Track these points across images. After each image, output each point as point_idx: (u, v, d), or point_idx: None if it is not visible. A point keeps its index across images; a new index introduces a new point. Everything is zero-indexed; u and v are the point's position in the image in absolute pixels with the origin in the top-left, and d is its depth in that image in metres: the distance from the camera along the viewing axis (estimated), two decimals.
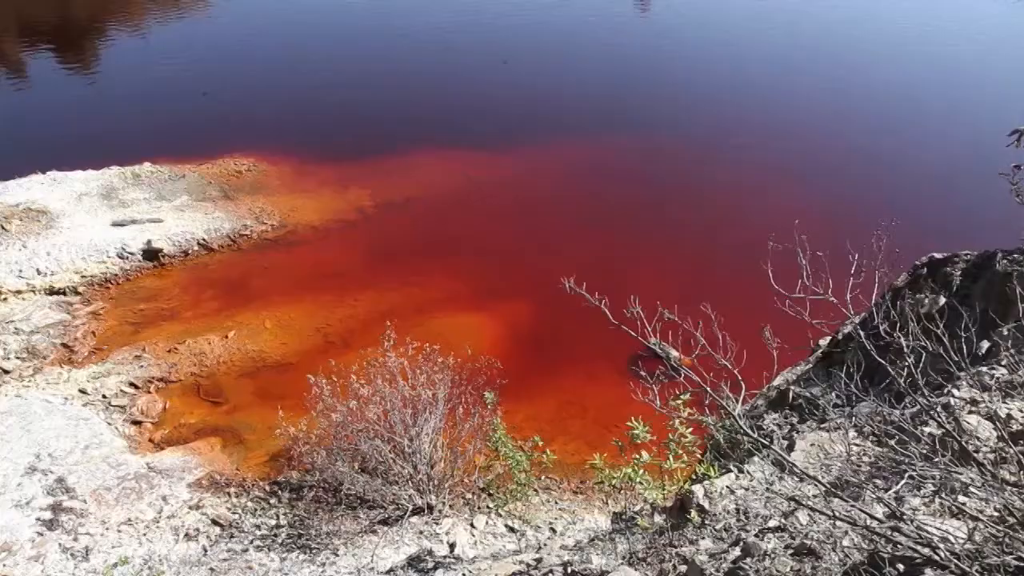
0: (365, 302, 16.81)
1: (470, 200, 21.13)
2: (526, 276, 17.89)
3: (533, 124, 25.89)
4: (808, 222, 18.66)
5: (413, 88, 28.82)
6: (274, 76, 30.29)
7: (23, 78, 32.07)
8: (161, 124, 25.75)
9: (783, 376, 9.56)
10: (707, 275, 17.79)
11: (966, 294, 8.43)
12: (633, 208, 21.03)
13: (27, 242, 18.55)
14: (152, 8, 41.44)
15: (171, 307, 16.87)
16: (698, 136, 25.46)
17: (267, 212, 20.08)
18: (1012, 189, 4.03)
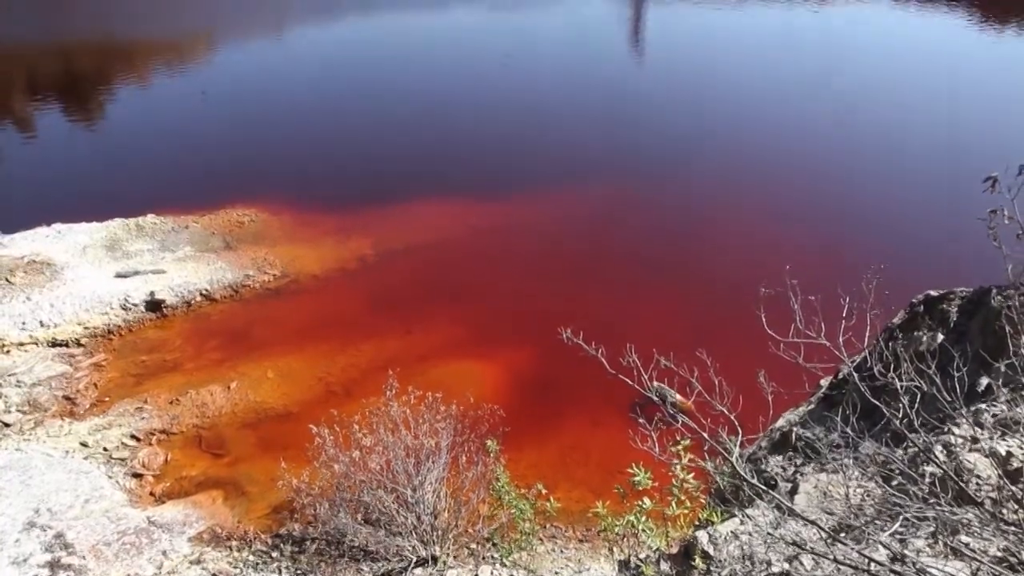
0: (367, 350, 16.86)
1: (470, 248, 21.33)
2: (527, 322, 17.97)
3: (531, 171, 26.29)
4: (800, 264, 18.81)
5: (413, 137, 29.32)
6: (276, 127, 30.82)
7: (30, 132, 32.66)
8: (164, 175, 26.17)
9: (785, 417, 9.57)
10: (703, 318, 17.90)
11: (963, 331, 8.51)
12: (629, 253, 21.26)
13: (31, 294, 18.69)
14: (157, 62, 42.41)
15: (173, 358, 16.91)
16: (692, 180, 25.84)
17: (269, 262, 20.26)
18: (990, 233, 4.15)
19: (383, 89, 35.69)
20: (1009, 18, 50.14)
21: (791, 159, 27.39)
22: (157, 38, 47.75)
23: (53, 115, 34.44)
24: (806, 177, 25.87)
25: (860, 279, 5.70)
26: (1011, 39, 45.47)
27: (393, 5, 54.99)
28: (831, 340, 4.90)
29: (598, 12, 54.56)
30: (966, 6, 53.89)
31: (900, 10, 54.24)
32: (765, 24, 49.85)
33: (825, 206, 23.80)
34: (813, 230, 22.29)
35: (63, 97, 36.90)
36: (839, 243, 21.24)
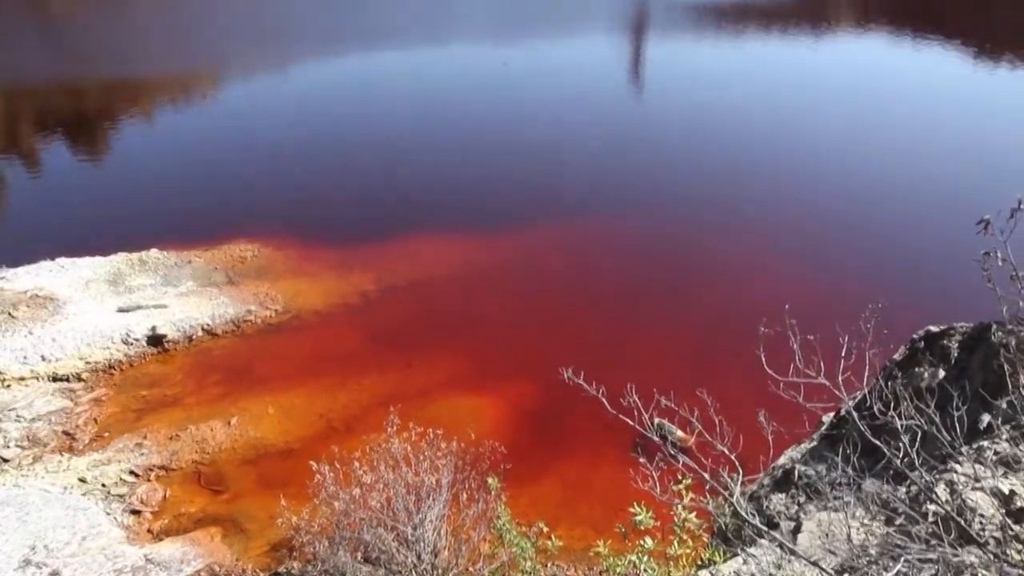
0: (368, 386, 16.85)
1: (471, 282, 21.43)
2: (527, 357, 17.98)
3: (531, 207, 26.49)
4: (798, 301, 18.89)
5: (414, 173, 29.61)
6: (279, 164, 31.11)
7: (37, 167, 33.02)
8: (168, 210, 26.39)
9: (787, 454, 9.53)
10: (703, 353, 17.93)
11: (964, 366, 8.52)
12: (628, 287, 21.35)
13: (33, 328, 18.74)
14: (162, 98, 43.00)
15: (174, 393, 16.89)
16: (690, 215, 26.03)
17: (271, 297, 20.32)
18: (984, 275, 4.21)
19: (384, 126, 36.12)
20: (1002, 53, 50.90)
21: (789, 194, 27.63)
22: (163, 75, 48.47)
23: (59, 150, 34.84)
24: (804, 212, 26.05)
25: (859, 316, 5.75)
26: (1004, 74, 46.09)
27: (395, 43, 55.90)
28: (831, 379, 4.93)
29: (598, 49, 55.38)
30: (960, 42, 54.73)
31: (895, 46, 55.08)
32: (763, 60, 50.55)
33: (823, 241, 23.95)
34: (812, 265, 22.41)
35: (69, 133, 37.36)
36: (838, 278, 21.33)
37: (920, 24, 62.25)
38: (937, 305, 18.30)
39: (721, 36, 58.13)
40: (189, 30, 60.88)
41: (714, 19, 64.29)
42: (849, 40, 57.95)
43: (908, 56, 52.23)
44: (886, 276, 21.36)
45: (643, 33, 62.57)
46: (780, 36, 58.18)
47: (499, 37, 59.21)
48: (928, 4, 76.95)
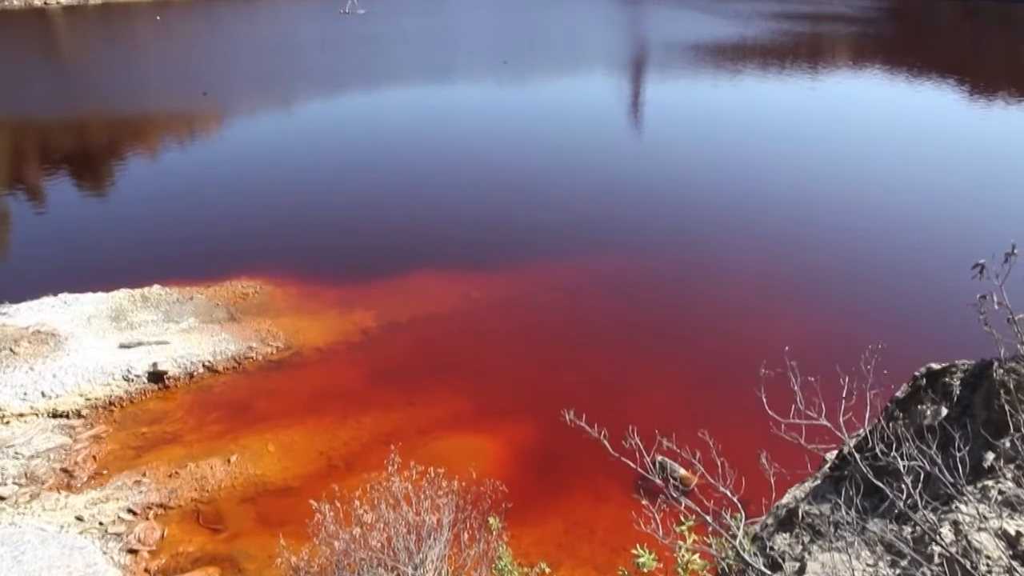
0: (368, 424, 16.78)
1: (472, 320, 21.46)
2: (528, 394, 17.94)
3: (531, 244, 26.65)
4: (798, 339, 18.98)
5: (415, 210, 29.86)
6: (281, 200, 31.41)
7: (41, 202, 33.30)
8: (171, 246, 26.56)
9: (791, 493, 9.46)
10: (703, 392, 17.88)
11: (967, 404, 8.50)
12: (629, 325, 21.38)
13: (34, 364, 18.74)
14: (167, 135, 43.53)
15: (174, 430, 16.82)
16: (691, 253, 26.15)
17: (272, 334, 20.34)
18: (981, 319, 4.26)
19: (385, 164, 36.51)
20: (997, 90, 51.57)
21: (787, 233, 27.76)
22: (169, 112, 49.15)
23: (64, 186, 35.18)
24: (802, 251, 26.17)
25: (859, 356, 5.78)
26: (999, 112, 46.63)
27: (396, 83, 56.71)
28: (832, 420, 4.95)
29: (598, 88, 56.14)
30: (955, 80, 55.50)
31: (891, 85, 55.81)
32: (761, 98, 51.18)
33: (822, 280, 24.03)
34: (811, 303, 22.45)
35: (74, 168, 37.77)
36: (837, 316, 21.36)
37: (915, 62, 63.27)
38: (937, 342, 18.29)
39: (720, 74, 58.96)
40: (195, 69, 61.83)
41: (713, 58, 65.29)
42: (845, 78, 58.76)
43: (904, 94, 52.92)
44: (885, 314, 21.40)
45: (642, 72, 63.49)
46: (778, 74, 59.03)
47: (500, 77, 60.08)
48: (922, 43, 78.24)
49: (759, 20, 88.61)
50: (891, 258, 25.32)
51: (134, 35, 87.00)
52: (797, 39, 76.79)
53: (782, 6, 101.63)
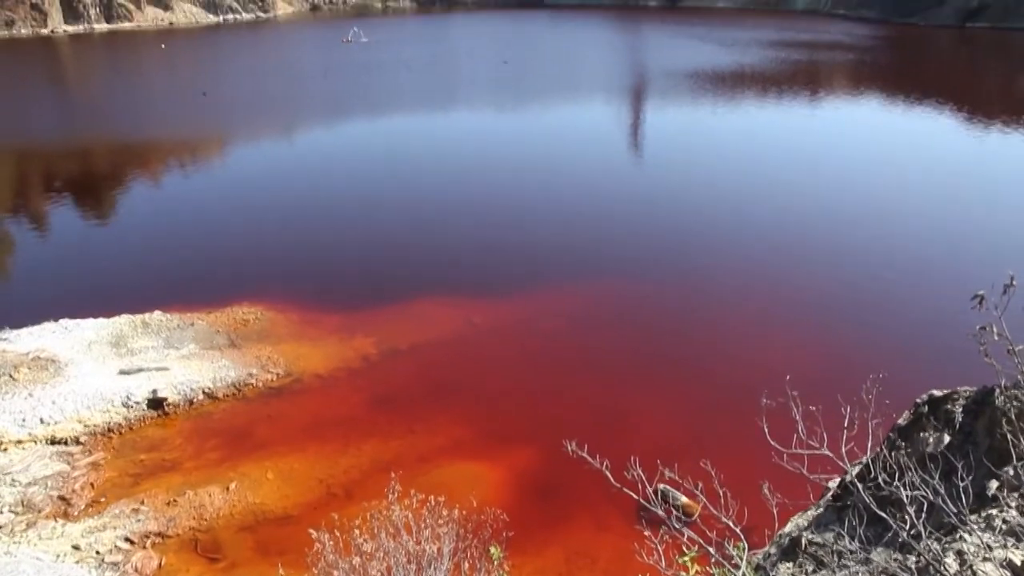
0: (369, 451, 16.68)
1: (472, 346, 21.43)
2: (529, 421, 17.85)
3: (531, 270, 26.69)
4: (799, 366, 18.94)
5: (416, 237, 29.94)
6: (283, 227, 31.51)
7: (44, 228, 33.44)
8: (173, 272, 26.61)
9: (794, 521, 9.37)
10: (705, 419, 17.79)
11: (969, 431, 8.45)
12: (629, 351, 21.31)
13: (33, 391, 18.69)
14: (170, 161, 43.83)
15: (173, 457, 16.72)
16: (691, 280, 26.14)
17: (273, 360, 20.29)
18: (981, 350, 4.26)
19: (387, 189, 36.69)
20: (994, 116, 51.91)
21: (789, 259, 27.79)
22: (172, 138, 49.55)
23: (67, 211, 35.37)
24: (804, 276, 26.18)
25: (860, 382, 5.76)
26: (996, 137, 46.89)
27: (397, 112, 57.17)
28: (834, 450, 4.93)
29: (599, 116, 56.55)
30: (953, 106, 55.90)
31: (889, 111, 56.17)
32: (762, 125, 51.49)
33: (822, 306, 23.99)
34: (811, 331, 22.40)
35: (77, 194, 38.01)
36: (837, 343, 21.32)
37: (912, 89, 63.81)
38: (938, 368, 18.26)
39: (719, 101, 59.44)
40: (198, 98, 62.42)
41: (712, 84, 65.85)
42: (844, 105, 59.22)
43: (902, 120, 53.27)
44: (885, 339, 21.37)
45: (642, 99, 64.02)
46: (776, 101, 59.50)
47: (500, 105, 60.59)
48: (919, 70, 78.95)
49: (757, 48, 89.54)
50: (891, 284, 25.32)
51: (139, 62, 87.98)
52: (795, 66, 77.53)
53: (780, 34, 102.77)
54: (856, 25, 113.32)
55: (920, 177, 38.59)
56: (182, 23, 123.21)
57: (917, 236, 29.79)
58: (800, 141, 47.90)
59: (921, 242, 29.21)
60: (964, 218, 31.78)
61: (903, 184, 36.94)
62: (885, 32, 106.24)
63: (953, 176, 38.72)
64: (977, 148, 44.65)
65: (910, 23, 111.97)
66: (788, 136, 49.19)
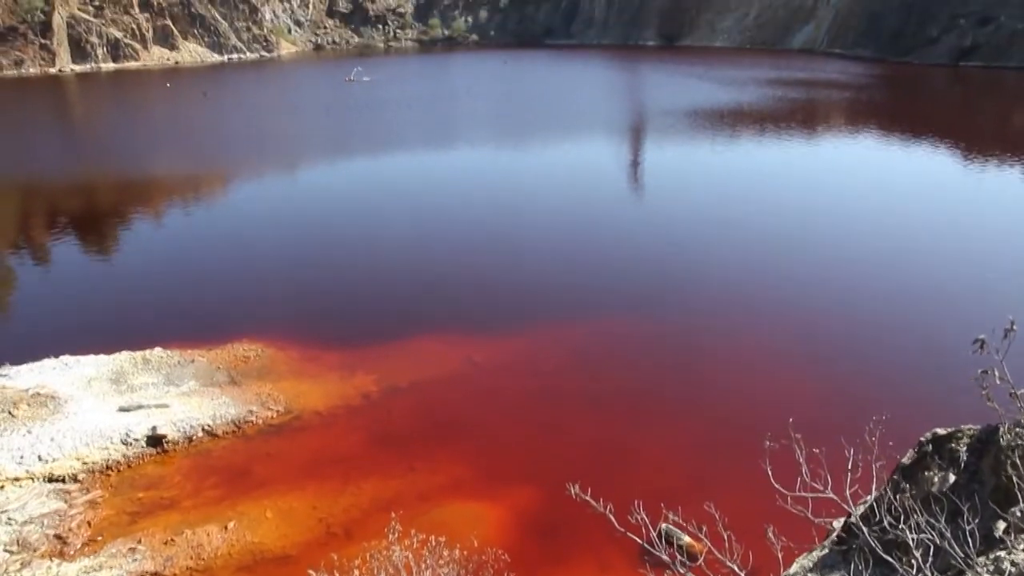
0: (369, 490, 16.53)
1: (474, 384, 21.37)
2: (531, 461, 17.73)
3: (532, 308, 26.72)
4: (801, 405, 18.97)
5: (417, 274, 30.05)
6: (284, 264, 31.68)
7: (46, 263, 33.59)
8: (174, 309, 26.66)
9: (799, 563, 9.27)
10: (708, 460, 17.66)
11: (974, 470, 8.39)
12: (631, 389, 21.25)
13: (32, 427, 18.61)
14: (173, 197, 44.18)
15: (171, 496, 16.58)
16: (691, 317, 26.12)
17: (273, 398, 20.23)
18: (984, 394, 4.28)
19: (387, 227, 36.91)
20: (990, 153, 52.38)
21: (790, 296, 27.82)
22: (175, 175, 50.02)
23: (69, 247, 35.54)
24: (805, 313, 26.19)
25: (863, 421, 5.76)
26: (993, 173, 47.27)
27: (396, 149, 57.80)
28: (838, 493, 4.92)
29: (597, 153, 57.08)
30: (949, 144, 56.44)
31: (887, 148, 56.69)
32: (760, 163, 51.94)
33: (823, 343, 23.97)
34: (814, 367, 22.35)
35: (80, 230, 38.25)
36: (838, 381, 21.26)
37: (909, 126, 64.52)
38: (940, 406, 18.20)
39: (718, 139, 60.06)
40: (201, 134, 63.15)
41: (710, 122, 66.61)
42: (842, 142, 59.83)
43: (900, 158, 53.72)
44: (888, 376, 21.31)
45: (641, 136, 64.73)
46: (774, 139, 60.09)
47: (500, 143, 61.26)
48: (915, 108, 79.91)
49: (754, 86, 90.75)
50: (891, 319, 25.33)
51: (144, 100, 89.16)
52: (792, 104, 78.47)
53: (777, 72, 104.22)
54: (852, 64, 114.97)
55: (920, 213, 38.85)
56: (187, 62, 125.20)
57: (918, 272, 29.89)
58: (799, 177, 48.29)
59: (922, 279, 29.30)
60: (964, 254, 31.91)
61: (902, 220, 37.15)
62: (880, 70, 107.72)
63: (952, 212, 39.02)
64: (975, 185, 45.00)
65: (905, 62, 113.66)
66: (787, 173, 49.59)
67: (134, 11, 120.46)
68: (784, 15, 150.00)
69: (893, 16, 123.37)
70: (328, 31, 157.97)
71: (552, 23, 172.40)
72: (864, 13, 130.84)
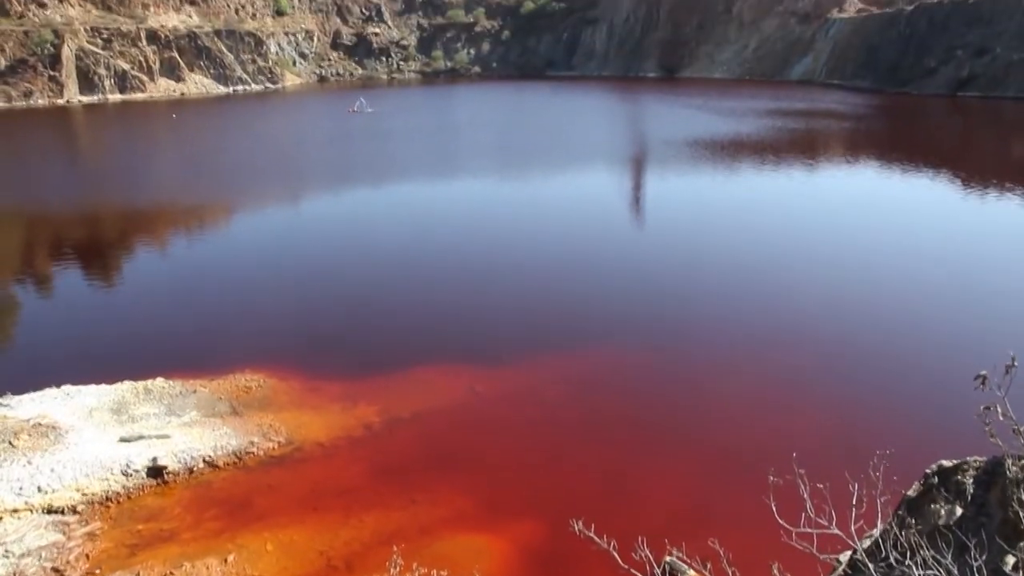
0: (371, 522, 16.39)
1: (475, 414, 21.30)
2: (533, 491, 17.61)
3: (535, 339, 26.70)
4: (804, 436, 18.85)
5: (418, 304, 30.11)
6: (286, 294, 31.73)
7: (49, 293, 33.71)
8: (176, 338, 26.68)
9: None
10: (711, 492, 17.50)
11: (982, 503, 8.31)
12: (634, 420, 21.14)
13: (32, 458, 18.52)
14: (176, 228, 44.42)
15: (171, 528, 16.44)
16: (693, 347, 26.10)
17: (274, 428, 20.15)
18: (987, 430, 4.28)
19: (389, 258, 37.02)
20: (989, 183, 52.61)
21: (792, 326, 27.78)
22: (179, 205, 50.35)
23: (72, 276, 35.69)
24: (808, 344, 26.11)
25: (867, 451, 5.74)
26: (993, 203, 47.43)
27: (400, 177, 58.23)
28: (843, 528, 4.89)
29: (598, 183, 57.46)
30: (949, 173, 56.73)
31: (887, 178, 56.98)
32: (761, 193, 52.17)
33: (829, 373, 23.87)
34: (817, 398, 22.23)
35: (83, 259, 38.44)
36: (843, 411, 21.14)
37: (908, 156, 64.93)
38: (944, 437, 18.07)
39: (718, 169, 60.44)
40: (206, 164, 63.69)
41: (711, 153, 67.06)
42: (841, 172, 60.19)
43: (899, 187, 53.96)
44: (890, 412, 21.16)
45: (642, 167, 65.17)
46: (774, 169, 60.48)
47: (502, 173, 61.71)
48: (913, 138, 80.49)
49: (754, 116, 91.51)
50: (893, 350, 25.27)
51: (151, 131, 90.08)
52: (791, 134, 79.07)
53: (776, 103, 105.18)
54: (850, 94, 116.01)
55: (921, 244, 38.90)
56: (193, 93, 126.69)
57: (923, 303, 29.83)
58: (799, 207, 48.49)
59: (928, 309, 29.23)
60: (966, 284, 31.89)
61: (904, 250, 37.21)
62: (879, 101, 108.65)
63: (954, 243, 39.05)
64: (977, 215, 45.11)
65: (903, 92, 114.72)
66: (787, 202, 49.83)
67: (142, 43, 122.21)
68: (782, 47, 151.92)
69: (891, 48, 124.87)
70: (332, 63, 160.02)
71: (554, 55, 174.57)
72: (862, 45, 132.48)
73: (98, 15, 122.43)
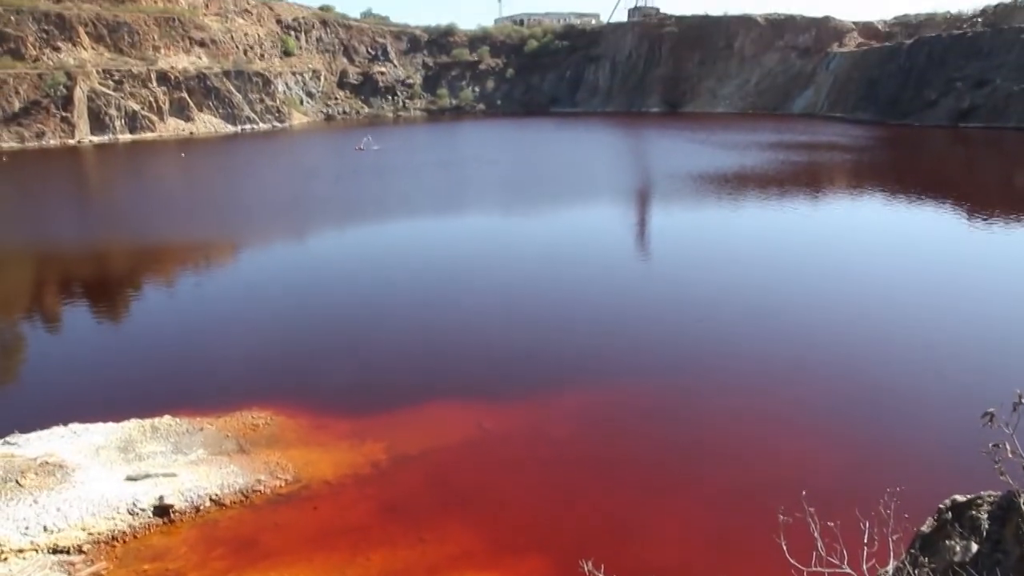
0: (378, 561, 16.23)
1: (483, 451, 21.17)
2: (541, 530, 17.43)
3: (541, 373, 26.64)
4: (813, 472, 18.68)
5: (427, 341, 30.10)
6: (293, 331, 31.81)
7: (57, 330, 33.87)
8: (183, 376, 26.72)
9: None
10: (720, 532, 17.26)
11: (997, 539, 8.21)
12: (642, 456, 20.98)
13: (39, 497, 18.46)
14: (184, 264, 44.73)
15: (176, 567, 16.32)
16: (705, 383, 25.97)
17: (282, 466, 20.06)
18: (996, 468, 4.28)
19: (396, 295, 37.15)
20: (994, 212, 52.71)
21: (799, 362, 27.67)
22: (187, 242, 50.76)
23: (80, 314, 35.87)
24: (816, 378, 25.97)
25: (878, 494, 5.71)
26: (1000, 233, 47.46)
27: (406, 213, 58.66)
28: (855, 567, 4.86)
29: (603, 218, 57.78)
30: (952, 203, 56.91)
31: (891, 209, 57.16)
32: (766, 225, 52.38)
33: (835, 407, 23.68)
34: (827, 432, 22.04)
35: (91, 296, 38.68)
36: (854, 448, 20.95)
37: (911, 187, 65.22)
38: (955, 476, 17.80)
39: (722, 201, 60.74)
40: (214, 202, 64.34)
41: (714, 186, 67.47)
42: (845, 203, 60.44)
43: (904, 217, 54.12)
44: (901, 448, 20.97)
45: (647, 200, 65.55)
46: (778, 201, 60.73)
47: (508, 208, 62.16)
48: (917, 169, 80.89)
49: (757, 150, 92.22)
50: (902, 383, 25.12)
51: (160, 169, 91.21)
52: (795, 167, 79.57)
53: (779, 136, 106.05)
54: (852, 127, 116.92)
55: (928, 276, 38.88)
56: (202, 132, 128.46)
57: (933, 336, 29.64)
58: (806, 239, 48.59)
59: (937, 342, 29.05)
60: (976, 317, 31.76)
61: (912, 283, 37.19)
62: (881, 133, 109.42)
63: (961, 275, 38.99)
64: (985, 246, 45.08)
65: (905, 124, 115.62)
66: (793, 234, 49.94)
67: (152, 84, 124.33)
68: (784, 81, 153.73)
69: (891, 81, 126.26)
70: (339, 102, 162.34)
71: (557, 92, 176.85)
72: (863, 79, 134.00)
73: (110, 57, 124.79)
